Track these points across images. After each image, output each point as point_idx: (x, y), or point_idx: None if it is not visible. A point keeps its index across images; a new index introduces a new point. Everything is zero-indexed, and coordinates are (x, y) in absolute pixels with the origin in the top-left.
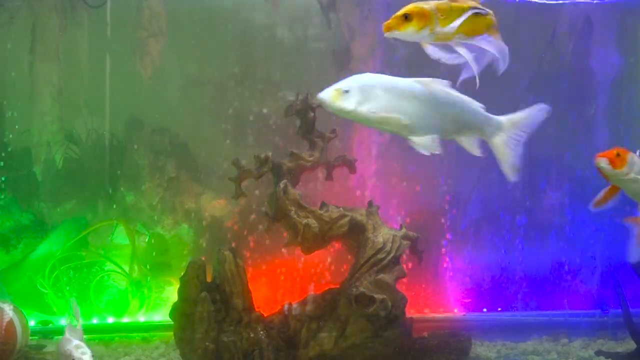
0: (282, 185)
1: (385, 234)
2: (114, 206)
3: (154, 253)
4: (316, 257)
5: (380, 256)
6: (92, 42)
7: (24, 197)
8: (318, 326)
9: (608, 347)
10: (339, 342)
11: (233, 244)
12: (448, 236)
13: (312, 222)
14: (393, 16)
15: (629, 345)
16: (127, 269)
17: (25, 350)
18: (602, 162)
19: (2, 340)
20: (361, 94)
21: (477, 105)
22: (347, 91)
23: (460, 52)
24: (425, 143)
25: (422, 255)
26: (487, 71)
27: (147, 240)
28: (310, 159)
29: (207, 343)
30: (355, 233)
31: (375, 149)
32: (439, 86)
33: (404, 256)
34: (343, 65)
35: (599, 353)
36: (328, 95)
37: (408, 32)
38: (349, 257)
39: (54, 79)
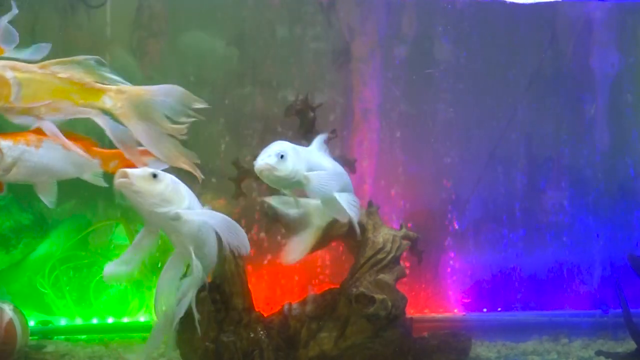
0: None
1: (385, 234)
2: (114, 206)
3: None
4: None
5: (380, 256)
6: (92, 42)
7: (24, 197)
8: (318, 326)
9: (608, 347)
10: (338, 342)
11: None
12: (448, 236)
13: None
14: None
15: (629, 345)
16: None
17: (25, 350)
18: None
19: (2, 340)
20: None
21: None
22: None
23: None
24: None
25: (422, 255)
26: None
27: None
28: None
29: (207, 343)
30: (356, 233)
31: (375, 148)
32: None
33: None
34: (343, 65)
35: (599, 353)
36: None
37: None
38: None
39: None
